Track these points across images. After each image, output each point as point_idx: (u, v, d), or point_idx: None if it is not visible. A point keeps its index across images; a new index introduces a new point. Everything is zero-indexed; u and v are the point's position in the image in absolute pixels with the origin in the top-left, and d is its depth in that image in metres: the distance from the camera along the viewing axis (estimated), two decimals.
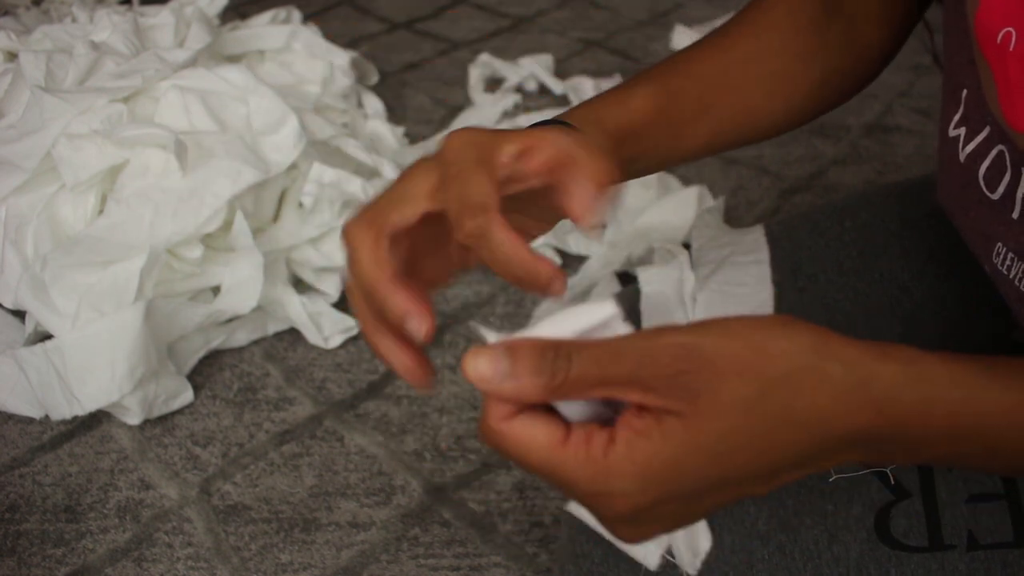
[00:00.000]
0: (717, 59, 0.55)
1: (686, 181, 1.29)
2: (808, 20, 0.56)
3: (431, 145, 1.35)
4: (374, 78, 1.55)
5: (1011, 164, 0.43)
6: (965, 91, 0.47)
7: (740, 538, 0.48)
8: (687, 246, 0.69)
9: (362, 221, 0.38)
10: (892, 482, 0.48)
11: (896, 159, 1.38)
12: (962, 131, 0.47)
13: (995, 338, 0.59)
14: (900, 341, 0.60)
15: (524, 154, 0.38)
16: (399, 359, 0.39)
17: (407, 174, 0.39)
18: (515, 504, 0.86)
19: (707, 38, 0.56)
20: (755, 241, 0.64)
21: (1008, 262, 0.45)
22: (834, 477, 0.48)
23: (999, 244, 0.45)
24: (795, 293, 0.61)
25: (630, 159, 0.49)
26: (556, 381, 0.31)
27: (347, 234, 0.39)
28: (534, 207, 0.43)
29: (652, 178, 1.23)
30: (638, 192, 1.21)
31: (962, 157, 0.47)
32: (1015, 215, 0.43)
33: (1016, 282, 0.44)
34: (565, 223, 1.23)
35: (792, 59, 0.56)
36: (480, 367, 0.31)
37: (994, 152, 0.44)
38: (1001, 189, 0.44)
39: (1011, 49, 0.41)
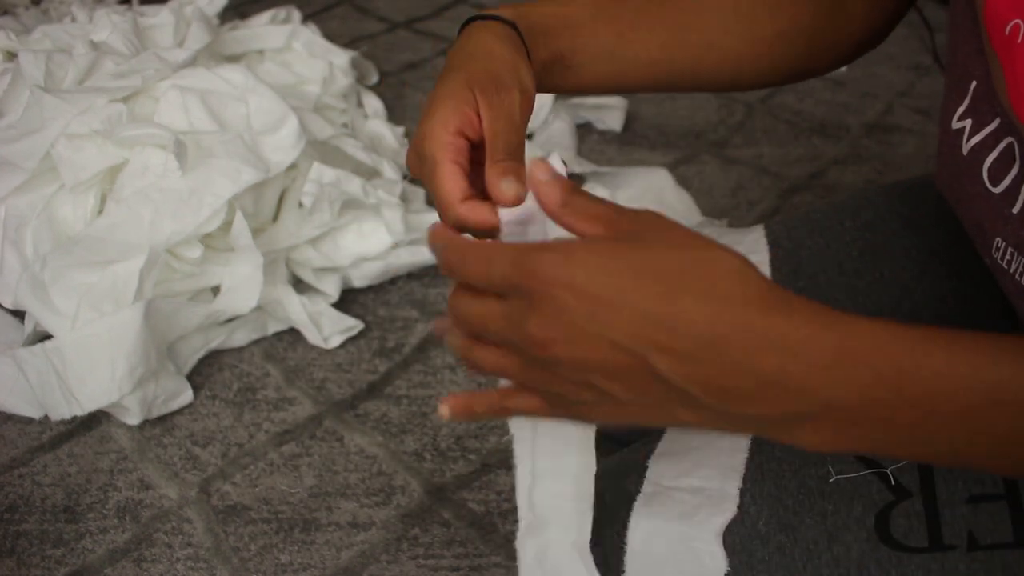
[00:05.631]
0: None
1: (685, 181, 1.29)
2: None
3: None
4: (374, 78, 1.55)
5: (1020, 157, 0.43)
6: (974, 82, 0.46)
7: (740, 538, 0.48)
8: None
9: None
10: (892, 482, 0.48)
11: (896, 159, 1.38)
12: (967, 123, 0.47)
13: None
14: None
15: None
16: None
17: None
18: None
19: None
20: (755, 241, 0.63)
21: (1008, 256, 0.44)
22: (834, 478, 0.48)
23: (998, 239, 0.45)
24: (795, 293, 0.61)
25: (570, 50, 0.53)
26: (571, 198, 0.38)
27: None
28: None
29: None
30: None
31: (965, 149, 0.47)
32: (1016, 210, 0.43)
33: (1016, 276, 0.44)
34: None
35: (759, 2, 0.56)
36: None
37: (1002, 144, 0.44)
38: (1007, 182, 0.44)
39: (1019, 41, 0.41)
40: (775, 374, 0.34)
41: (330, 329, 1.04)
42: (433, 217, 1.14)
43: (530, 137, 1.37)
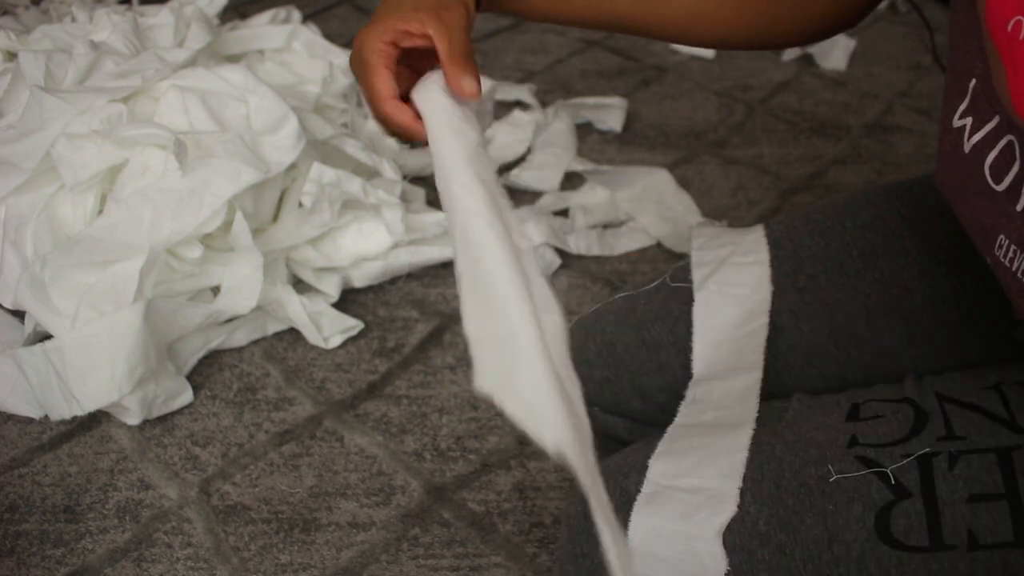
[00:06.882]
0: None
1: (685, 182, 1.29)
2: None
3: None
4: None
5: (1020, 155, 0.43)
6: (974, 80, 0.46)
7: (740, 538, 0.48)
8: (686, 255, 0.69)
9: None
10: (892, 482, 0.48)
11: (896, 159, 1.38)
12: (968, 121, 0.47)
13: (996, 337, 0.59)
14: (901, 341, 0.60)
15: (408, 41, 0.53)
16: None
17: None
18: (515, 504, 0.86)
19: None
20: (755, 241, 0.63)
21: (1011, 254, 0.44)
22: (834, 477, 0.48)
23: (1001, 236, 0.45)
24: (795, 293, 0.61)
25: None
26: None
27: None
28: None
29: None
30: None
31: (967, 148, 0.47)
32: (1019, 207, 0.43)
33: (1018, 274, 0.44)
34: (565, 223, 1.22)
35: None
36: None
37: (1003, 142, 0.44)
38: (1008, 180, 0.44)
39: (1021, 38, 0.41)
40: None
41: (330, 329, 1.04)
42: (433, 217, 1.14)
43: (528, 154, 1.37)
